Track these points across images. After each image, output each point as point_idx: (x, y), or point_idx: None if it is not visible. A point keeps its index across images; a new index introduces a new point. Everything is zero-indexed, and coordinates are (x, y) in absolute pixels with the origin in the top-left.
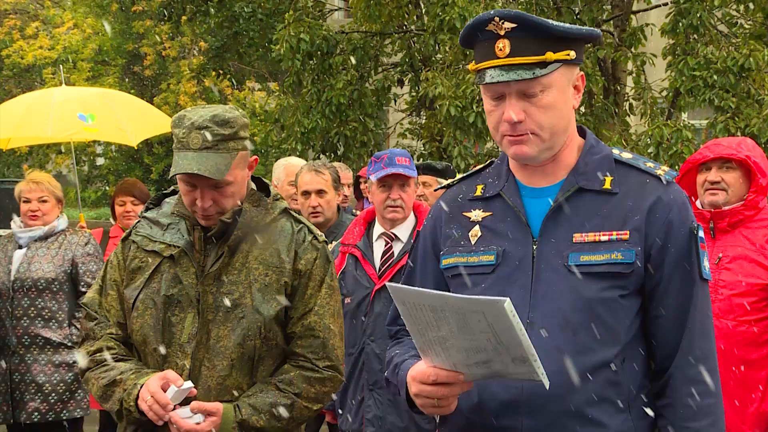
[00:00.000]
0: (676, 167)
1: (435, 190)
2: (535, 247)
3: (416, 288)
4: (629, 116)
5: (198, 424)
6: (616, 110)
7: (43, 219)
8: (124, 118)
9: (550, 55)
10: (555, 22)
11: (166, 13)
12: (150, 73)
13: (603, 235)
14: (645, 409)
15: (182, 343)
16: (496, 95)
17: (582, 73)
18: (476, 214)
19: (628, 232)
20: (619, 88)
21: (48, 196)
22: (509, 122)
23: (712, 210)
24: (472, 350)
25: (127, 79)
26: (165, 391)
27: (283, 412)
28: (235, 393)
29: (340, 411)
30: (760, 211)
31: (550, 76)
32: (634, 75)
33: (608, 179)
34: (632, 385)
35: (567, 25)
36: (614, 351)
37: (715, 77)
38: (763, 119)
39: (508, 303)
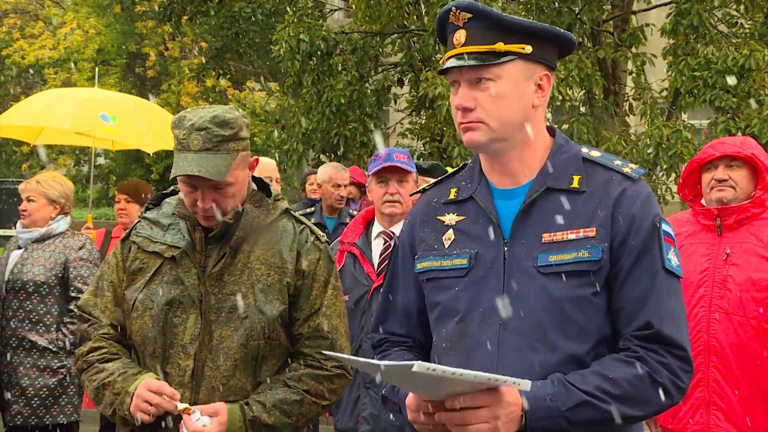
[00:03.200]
0: (676, 167)
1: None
2: (506, 248)
3: (351, 357)
4: (629, 116)
5: (205, 426)
6: (616, 110)
7: (30, 218)
8: (145, 126)
9: (500, 46)
10: (508, 15)
11: (165, 13)
12: (152, 74)
13: (571, 233)
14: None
15: (184, 344)
16: (452, 83)
17: (548, 73)
18: (450, 218)
19: (594, 229)
20: (619, 88)
21: (35, 196)
22: (459, 109)
23: (719, 206)
24: (447, 393)
25: (128, 79)
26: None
27: (292, 408)
28: (240, 393)
29: (335, 408)
30: (767, 209)
31: (501, 67)
32: (634, 75)
33: (576, 178)
34: None
35: (519, 18)
36: (586, 348)
37: (715, 77)
38: (763, 119)
39: (417, 365)
